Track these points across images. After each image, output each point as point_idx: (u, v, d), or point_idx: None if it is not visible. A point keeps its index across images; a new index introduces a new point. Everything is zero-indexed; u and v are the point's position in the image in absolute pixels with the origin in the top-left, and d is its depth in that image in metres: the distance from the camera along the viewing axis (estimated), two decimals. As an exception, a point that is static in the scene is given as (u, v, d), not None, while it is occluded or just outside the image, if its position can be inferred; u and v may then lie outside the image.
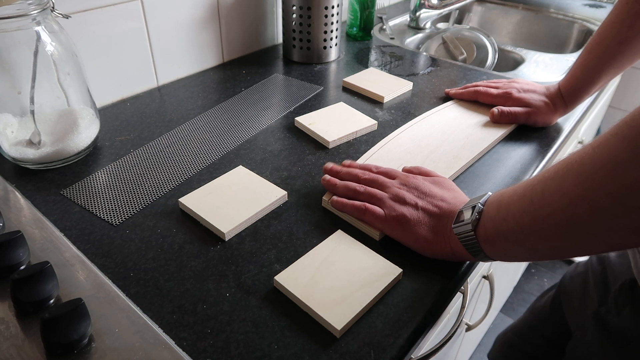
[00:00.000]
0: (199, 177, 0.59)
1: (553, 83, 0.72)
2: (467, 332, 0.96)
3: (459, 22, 1.32)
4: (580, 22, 1.25)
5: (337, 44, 0.94)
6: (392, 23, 1.19)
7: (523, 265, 1.60)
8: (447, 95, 0.81)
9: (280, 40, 1.01)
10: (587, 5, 1.30)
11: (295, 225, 0.52)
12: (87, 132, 0.61)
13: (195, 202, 0.53)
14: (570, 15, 1.27)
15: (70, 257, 0.44)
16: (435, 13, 1.14)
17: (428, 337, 0.66)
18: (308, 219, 0.53)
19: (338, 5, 0.89)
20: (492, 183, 0.60)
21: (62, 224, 0.51)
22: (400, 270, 0.45)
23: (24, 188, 0.56)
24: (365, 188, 0.52)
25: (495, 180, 0.61)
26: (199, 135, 0.68)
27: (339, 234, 0.50)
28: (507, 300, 1.60)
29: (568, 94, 0.69)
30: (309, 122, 0.70)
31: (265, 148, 0.65)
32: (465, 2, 1.12)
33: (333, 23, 0.90)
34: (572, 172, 0.34)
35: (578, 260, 0.70)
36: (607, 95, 1.53)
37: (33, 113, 0.57)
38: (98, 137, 0.64)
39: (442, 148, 0.65)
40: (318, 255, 0.47)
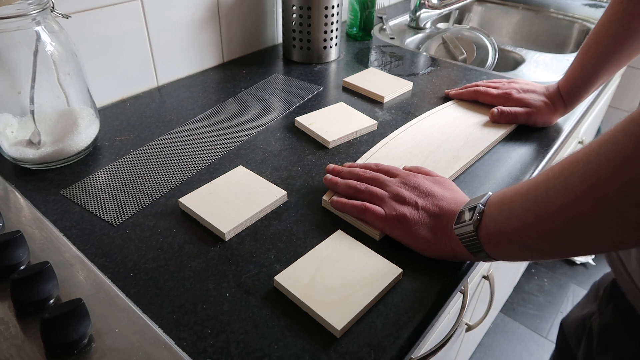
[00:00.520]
0: (199, 177, 0.59)
1: (552, 83, 0.72)
2: (467, 332, 0.96)
3: (459, 22, 1.32)
4: (580, 22, 1.25)
5: (337, 44, 0.94)
6: (392, 23, 1.19)
7: (523, 265, 1.60)
8: (447, 96, 0.81)
9: (280, 40, 1.01)
10: (587, 5, 1.30)
11: (295, 225, 0.52)
12: (87, 132, 0.61)
13: (195, 202, 0.53)
14: (570, 15, 1.27)
15: (70, 257, 0.44)
16: (435, 13, 1.14)
17: (428, 337, 0.66)
18: (308, 219, 0.53)
19: (338, 5, 0.89)
20: (492, 183, 0.60)
21: (62, 224, 0.51)
22: (400, 270, 0.45)
23: (24, 188, 0.56)
24: (366, 186, 0.52)
25: (495, 180, 0.61)
26: (199, 135, 0.68)
27: (339, 234, 0.50)
28: (507, 300, 1.60)
29: (567, 94, 0.69)
30: (309, 122, 0.70)
31: (265, 148, 0.65)
32: (465, 2, 1.12)
33: (333, 23, 0.90)
34: (577, 169, 0.34)
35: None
36: (607, 95, 1.53)
37: (33, 113, 0.57)
38: (98, 137, 0.64)
39: (442, 148, 0.65)
40: (318, 255, 0.47)
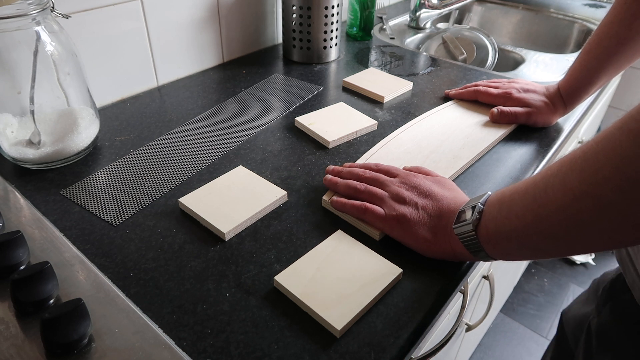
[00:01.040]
0: (199, 177, 0.59)
1: (552, 83, 0.72)
2: (467, 332, 0.96)
3: (459, 22, 1.32)
4: (580, 22, 1.25)
5: (337, 44, 0.94)
6: (392, 23, 1.19)
7: (523, 265, 1.60)
8: (447, 96, 0.81)
9: (280, 40, 1.01)
10: (587, 5, 1.30)
11: (295, 225, 0.52)
12: (87, 132, 0.61)
13: (195, 202, 0.53)
14: (570, 15, 1.27)
15: (70, 257, 0.44)
16: (435, 13, 1.14)
17: (428, 337, 0.66)
18: (308, 219, 0.53)
19: (338, 5, 0.89)
20: (492, 183, 0.60)
21: (62, 224, 0.51)
22: (400, 270, 0.45)
23: (24, 188, 0.56)
24: (366, 186, 0.52)
25: (495, 180, 0.61)
26: (199, 135, 0.68)
27: (339, 234, 0.50)
28: (507, 300, 1.60)
29: (567, 95, 0.69)
30: (309, 122, 0.70)
31: (265, 148, 0.65)
32: (465, 2, 1.12)
33: (333, 23, 0.90)
34: (575, 167, 0.34)
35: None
36: (607, 95, 1.53)
37: (33, 113, 0.57)
38: (98, 137, 0.64)
39: (442, 148, 0.65)
40: (318, 255, 0.47)
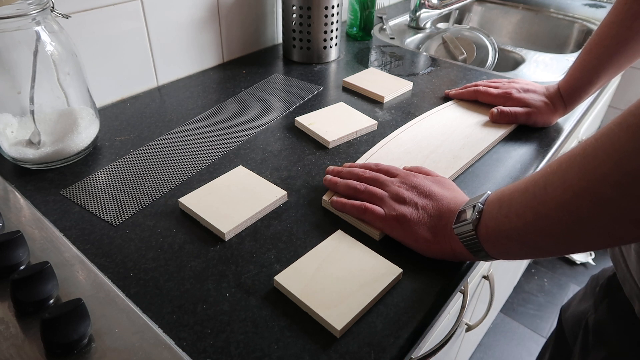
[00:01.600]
0: (199, 177, 0.59)
1: (552, 83, 0.72)
2: (467, 332, 0.96)
3: (459, 22, 1.32)
4: (580, 22, 1.25)
5: (337, 44, 0.94)
6: (392, 23, 1.19)
7: (523, 265, 1.60)
8: (447, 96, 0.81)
9: (280, 40, 1.01)
10: (587, 5, 1.30)
11: (295, 225, 0.52)
12: (87, 132, 0.61)
13: (195, 202, 0.53)
14: (570, 15, 1.27)
15: (70, 257, 0.44)
16: (435, 13, 1.14)
17: (428, 337, 0.66)
18: (308, 219, 0.53)
19: (338, 5, 0.89)
20: (492, 183, 0.60)
21: (62, 224, 0.51)
22: (400, 270, 0.45)
23: (24, 188, 0.56)
24: (366, 187, 0.52)
25: (495, 180, 0.61)
26: (199, 135, 0.68)
27: (339, 234, 0.50)
28: (507, 300, 1.60)
29: (567, 95, 0.69)
30: (309, 122, 0.70)
31: (265, 148, 0.65)
32: (465, 2, 1.12)
33: (333, 23, 0.90)
34: (575, 164, 0.34)
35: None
36: (607, 95, 1.53)
37: (33, 113, 0.57)
38: (98, 137, 0.64)
39: (442, 148, 0.65)
40: (318, 255, 0.47)
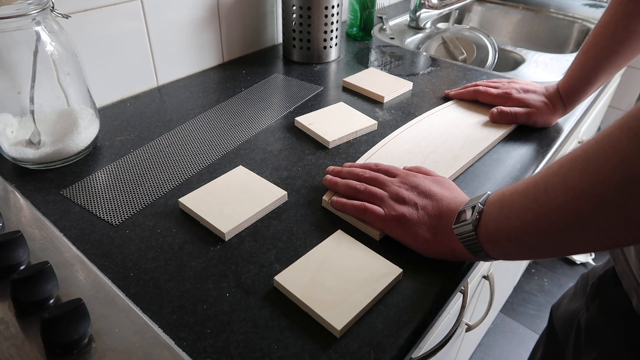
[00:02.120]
0: (199, 177, 0.59)
1: (552, 84, 0.72)
2: (467, 332, 0.96)
3: (459, 22, 1.32)
4: (580, 22, 1.25)
5: (337, 44, 0.94)
6: (392, 23, 1.19)
7: (523, 265, 1.60)
8: (447, 96, 0.81)
9: (280, 40, 1.01)
10: (587, 5, 1.30)
11: (295, 225, 0.52)
12: (87, 132, 0.61)
13: (195, 202, 0.53)
14: (570, 15, 1.27)
15: (70, 257, 0.44)
16: (435, 13, 1.14)
17: (428, 337, 0.66)
18: (308, 219, 0.53)
19: (338, 5, 0.89)
20: (492, 183, 0.60)
21: (62, 224, 0.51)
22: (400, 270, 0.45)
23: (24, 188, 0.56)
24: (366, 187, 0.52)
25: (495, 180, 0.61)
26: (199, 135, 0.68)
27: (339, 234, 0.50)
28: (507, 300, 1.60)
29: (567, 95, 0.69)
30: (309, 122, 0.70)
31: (265, 148, 0.65)
32: (465, 2, 1.12)
33: (333, 23, 0.90)
34: (576, 166, 0.34)
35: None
36: (607, 95, 1.53)
37: (33, 113, 0.57)
38: (98, 137, 0.64)
39: (442, 148, 0.65)
40: (318, 255, 0.47)
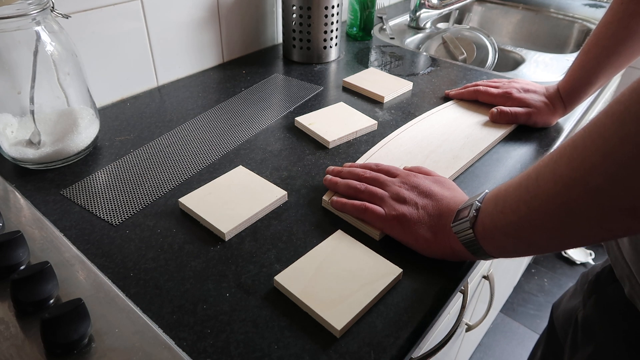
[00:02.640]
0: (199, 177, 0.59)
1: (552, 84, 0.72)
2: (467, 332, 0.96)
3: (459, 22, 1.32)
4: (580, 22, 1.25)
5: (337, 44, 0.94)
6: (392, 23, 1.19)
7: (523, 265, 1.60)
8: (447, 96, 0.81)
9: (280, 40, 1.01)
10: (587, 5, 1.30)
11: (295, 225, 0.52)
12: (87, 132, 0.61)
13: (195, 202, 0.53)
14: (570, 15, 1.27)
15: (70, 257, 0.44)
16: (435, 13, 1.14)
17: (428, 337, 0.66)
18: (308, 219, 0.53)
19: (338, 5, 0.89)
20: (492, 183, 0.60)
21: (62, 224, 0.51)
22: (400, 270, 0.45)
23: (24, 188, 0.56)
24: (366, 186, 0.52)
25: (495, 180, 0.61)
26: (199, 135, 0.68)
27: (339, 234, 0.50)
28: (507, 300, 1.60)
29: (567, 95, 0.69)
30: (309, 122, 0.70)
31: (265, 148, 0.65)
32: (465, 2, 1.12)
33: (333, 23, 0.90)
34: (564, 155, 0.34)
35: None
36: (607, 96, 1.53)
37: (33, 113, 0.57)
38: (98, 137, 0.64)
39: (442, 148, 0.65)
40: (318, 255, 0.47)
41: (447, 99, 0.80)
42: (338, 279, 0.44)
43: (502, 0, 1.36)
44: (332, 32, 0.91)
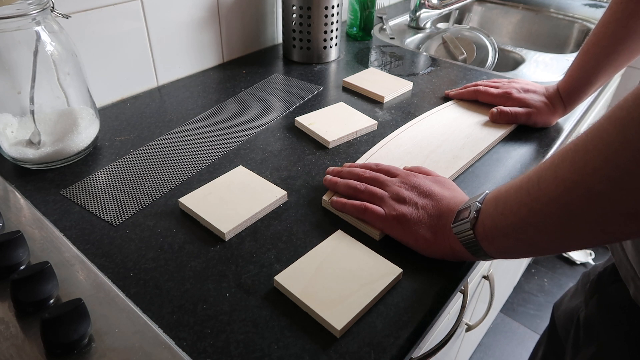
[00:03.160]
0: (199, 177, 0.59)
1: (552, 84, 0.72)
2: (467, 332, 0.96)
3: (459, 22, 1.32)
4: (580, 22, 1.25)
5: (337, 44, 0.94)
6: (392, 23, 1.19)
7: (523, 265, 1.60)
8: (447, 96, 0.81)
9: (280, 40, 1.01)
10: (587, 5, 1.30)
11: (295, 225, 0.52)
12: (87, 132, 0.61)
13: (195, 202, 0.53)
14: (570, 15, 1.27)
15: (70, 257, 0.44)
16: (435, 13, 1.14)
17: (428, 337, 0.66)
18: (308, 219, 0.53)
19: (338, 5, 0.89)
20: (492, 183, 0.60)
21: (62, 224, 0.51)
22: (400, 270, 0.45)
23: (24, 188, 0.56)
24: (366, 186, 0.52)
25: (495, 180, 0.61)
26: (199, 135, 0.68)
27: (339, 234, 0.50)
28: (507, 300, 1.60)
29: (566, 95, 0.69)
30: (309, 122, 0.70)
31: (265, 148, 0.65)
32: (465, 2, 1.12)
33: (333, 23, 0.90)
34: (566, 159, 0.34)
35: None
36: (607, 95, 1.53)
37: (33, 113, 0.57)
38: (98, 137, 0.64)
39: (442, 148, 0.65)
40: (318, 255, 0.47)
41: (447, 99, 0.80)
42: (338, 279, 0.44)
43: (502, 0, 1.36)
44: (332, 32, 0.91)
